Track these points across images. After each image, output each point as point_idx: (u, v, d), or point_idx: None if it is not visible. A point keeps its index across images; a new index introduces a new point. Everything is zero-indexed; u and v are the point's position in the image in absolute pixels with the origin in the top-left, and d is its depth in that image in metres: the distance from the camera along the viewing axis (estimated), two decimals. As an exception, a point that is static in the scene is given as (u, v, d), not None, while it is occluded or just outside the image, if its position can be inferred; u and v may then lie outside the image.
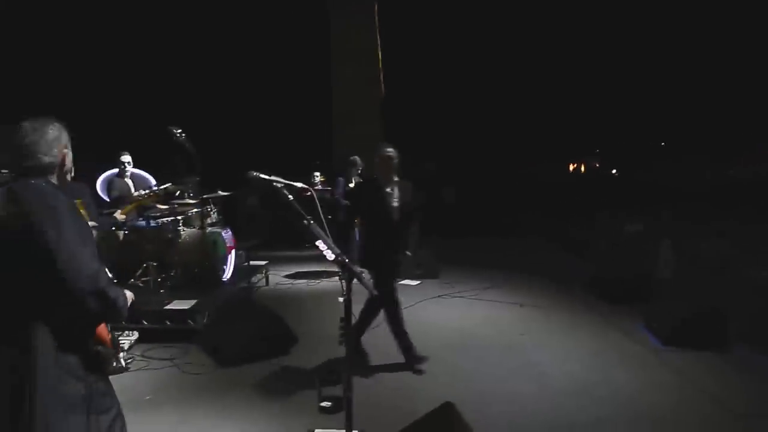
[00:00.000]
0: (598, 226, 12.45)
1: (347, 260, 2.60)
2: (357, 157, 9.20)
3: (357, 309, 2.91)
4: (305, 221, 2.71)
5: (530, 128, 22.14)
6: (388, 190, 5.20)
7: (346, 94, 14.75)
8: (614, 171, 24.62)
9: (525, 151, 22.03)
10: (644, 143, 24.12)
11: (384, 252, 5.14)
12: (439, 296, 7.91)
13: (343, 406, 2.78)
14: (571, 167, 26.34)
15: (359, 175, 9.20)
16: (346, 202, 8.91)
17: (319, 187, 11.34)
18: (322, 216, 2.80)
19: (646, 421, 4.15)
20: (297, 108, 16.98)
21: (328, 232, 2.72)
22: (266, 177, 2.94)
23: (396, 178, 5.23)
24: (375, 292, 2.70)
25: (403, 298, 7.44)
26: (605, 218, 13.22)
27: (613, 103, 23.27)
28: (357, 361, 5.14)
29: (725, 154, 23.10)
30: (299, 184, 3.00)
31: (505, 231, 13.86)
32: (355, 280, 2.64)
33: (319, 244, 2.61)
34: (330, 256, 2.58)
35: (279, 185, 2.92)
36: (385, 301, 5.18)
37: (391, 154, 5.20)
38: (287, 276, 9.55)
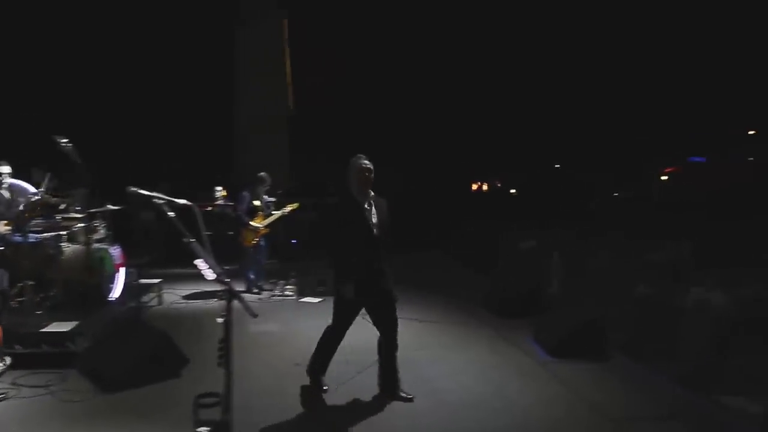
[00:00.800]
0: (495, 243, 12.93)
1: (228, 280, 2.51)
2: (265, 174, 9.05)
3: (237, 329, 2.80)
4: (185, 239, 2.59)
5: (435, 147, 22.77)
6: (366, 206, 4.75)
7: (251, 106, 14.52)
8: (513, 190, 25.84)
9: (430, 169, 22.60)
10: (541, 164, 25.59)
11: (361, 272, 4.64)
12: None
13: (221, 430, 2.67)
14: (474, 186, 27.31)
15: (267, 192, 9.05)
16: (252, 222, 8.72)
17: (221, 202, 11.01)
18: (203, 232, 2.69)
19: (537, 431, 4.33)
20: (199, 119, 16.47)
21: (209, 249, 2.62)
22: (145, 193, 2.78)
23: (372, 193, 4.81)
24: (255, 315, 2.61)
25: (304, 317, 7.37)
26: (503, 235, 13.75)
27: (514, 126, 24.52)
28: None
29: (616, 176, 25.03)
30: (182, 201, 2.86)
31: (406, 247, 13.99)
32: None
33: (199, 263, 2.50)
34: (210, 275, 2.48)
35: (159, 201, 2.77)
36: (335, 319, 4.88)
37: (369, 165, 4.74)
38: (184, 295, 9.16)
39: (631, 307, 7.21)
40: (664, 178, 24.96)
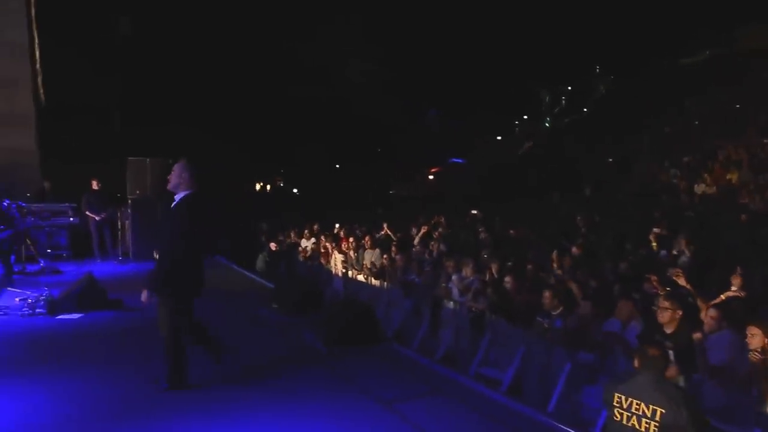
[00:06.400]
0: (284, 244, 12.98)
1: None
2: None
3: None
4: None
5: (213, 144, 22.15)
6: None
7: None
8: (295, 190, 26.22)
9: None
10: (321, 165, 26.46)
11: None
12: None
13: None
14: (258, 186, 27.05)
15: None
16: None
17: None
18: None
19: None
20: None
21: None
22: None
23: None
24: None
25: None
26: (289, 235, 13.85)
27: (294, 130, 25.08)
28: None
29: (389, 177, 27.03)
30: None
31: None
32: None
33: None
34: None
35: None
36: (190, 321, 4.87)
37: None
38: None
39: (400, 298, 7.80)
40: (430, 177, 27.62)
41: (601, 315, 5.72)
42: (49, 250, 11.37)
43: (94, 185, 11.56)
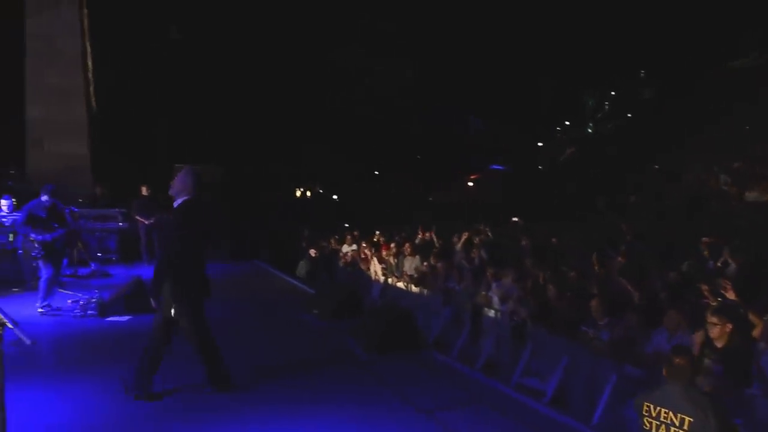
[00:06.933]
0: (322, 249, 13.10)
1: None
2: None
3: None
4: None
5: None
6: None
7: (44, 106, 12.92)
8: (335, 196, 26.50)
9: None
10: (359, 170, 26.66)
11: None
12: None
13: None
14: (298, 192, 27.42)
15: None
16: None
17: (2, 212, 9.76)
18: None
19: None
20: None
21: None
22: None
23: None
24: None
25: None
26: (327, 241, 13.97)
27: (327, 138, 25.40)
28: None
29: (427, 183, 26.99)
30: None
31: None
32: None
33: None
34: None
35: None
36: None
37: None
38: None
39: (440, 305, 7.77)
40: (470, 183, 27.44)
41: (649, 325, 5.57)
42: (99, 254, 11.81)
43: (143, 191, 11.91)
